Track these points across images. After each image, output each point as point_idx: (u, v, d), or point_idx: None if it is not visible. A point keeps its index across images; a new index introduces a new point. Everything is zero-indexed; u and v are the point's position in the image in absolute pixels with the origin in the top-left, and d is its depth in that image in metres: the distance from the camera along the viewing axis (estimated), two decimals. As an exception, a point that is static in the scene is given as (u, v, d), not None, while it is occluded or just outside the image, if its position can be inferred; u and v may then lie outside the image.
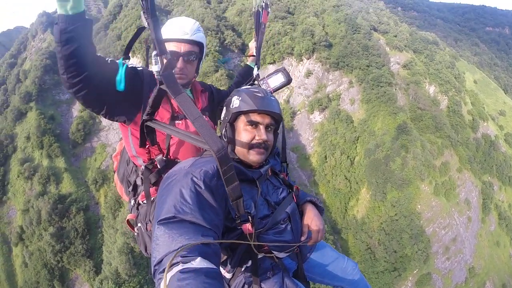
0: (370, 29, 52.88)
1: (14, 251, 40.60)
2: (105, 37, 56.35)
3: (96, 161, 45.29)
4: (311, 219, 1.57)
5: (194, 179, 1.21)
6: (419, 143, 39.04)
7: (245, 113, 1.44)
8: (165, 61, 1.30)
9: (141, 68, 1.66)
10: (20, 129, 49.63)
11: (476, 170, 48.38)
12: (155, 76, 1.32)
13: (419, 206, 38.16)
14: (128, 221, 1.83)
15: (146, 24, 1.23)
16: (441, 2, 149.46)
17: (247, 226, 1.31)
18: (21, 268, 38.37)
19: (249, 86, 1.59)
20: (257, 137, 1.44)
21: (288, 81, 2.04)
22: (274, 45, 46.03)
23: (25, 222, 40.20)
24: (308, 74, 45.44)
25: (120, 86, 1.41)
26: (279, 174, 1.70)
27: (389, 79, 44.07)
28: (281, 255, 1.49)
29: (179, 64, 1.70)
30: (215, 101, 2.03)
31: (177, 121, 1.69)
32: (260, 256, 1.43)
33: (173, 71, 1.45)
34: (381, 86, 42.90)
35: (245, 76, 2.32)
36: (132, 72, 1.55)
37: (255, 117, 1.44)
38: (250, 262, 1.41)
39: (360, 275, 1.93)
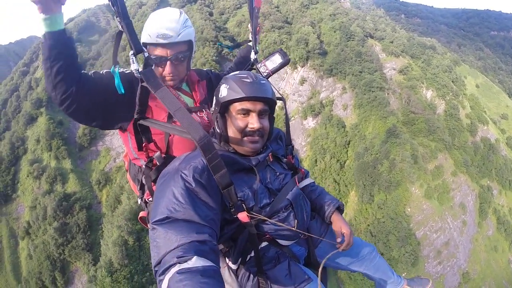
0: (365, 36, 54.20)
1: (21, 245, 43.23)
2: (112, 47, 59.73)
3: (100, 163, 47.87)
4: (343, 225, 1.60)
5: (184, 176, 1.21)
6: (409, 146, 39.57)
7: (235, 101, 1.37)
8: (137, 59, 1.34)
9: (129, 71, 1.64)
10: (31, 132, 52.92)
11: (473, 173, 47.82)
12: (135, 75, 1.37)
13: (409, 209, 38.23)
14: (141, 218, 1.84)
15: (120, 27, 1.29)
16: (445, 8, 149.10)
17: (243, 215, 1.28)
18: (26, 260, 40.85)
19: (237, 72, 1.50)
20: (250, 125, 1.38)
21: (286, 61, 2.01)
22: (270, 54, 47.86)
23: (32, 218, 42.86)
24: (303, 81, 46.99)
25: (121, 90, 1.43)
26: (282, 158, 1.62)
27: (380, 84, 45.15)
28: (286, 243, 1.47)
29: (168, 68, 1.64)
30: (214, 87, 1.91)
31: (174, 119, 1.66)
32: (263, 245, 1.42)
33: (163, 74, 1.59)
34: (372, 91, 44.03)
35: (245, 56, 2.27)
36: (124, 77, 1.55)
37: (246, 105, 1.37)
38: (253, 252, 1.38)
39: (379, 258, 1.85)
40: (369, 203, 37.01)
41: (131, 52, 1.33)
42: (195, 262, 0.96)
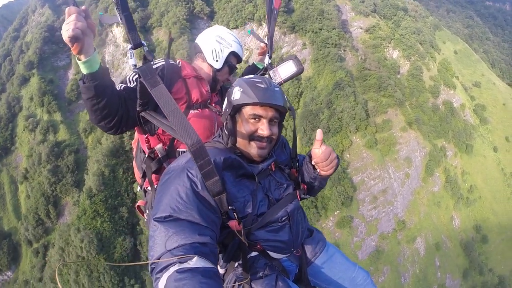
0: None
1: (20, 188, 50.29)
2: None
3: (86, 114, 53.31)
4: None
5: (190, 176, 1.19)
6: (352, 98, 43.58)
7: (247, 105, 1.36)
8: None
9: (161, 64, 1.69)
10: (25, 92, 58.48)
11: (426, 132, 49.48)
12: (132, 69, 1.36)
13: (347, 155, 41.63)
14: (138, 206, 1.88)
15: (119, 19, 1.24)
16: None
17: (234, 223, 1.26)
18: (24, 201, 47.92)
19: (252, 76, 1.48)
20: (259, 131, 1.37)
21: (300, 70, 1.95)
22: (237, 12, 51.42)
23: (29, 164, 49.64)
24: (266, 37, 50.24)
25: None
26: (285, 169, 1.59)
27: (336, 41, 48.59)
28: (276, 255, 1.46)
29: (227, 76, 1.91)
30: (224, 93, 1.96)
31: (192, 110, 1.74)
32: (253, 254, 1.41)
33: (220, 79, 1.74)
34: (327, 47, 47.65)
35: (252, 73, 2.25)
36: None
37: (258, 110, 1.36)
38: (241, 260, 1.37)
39: (373, 286, 1.74)
40: (307, 146, 40.74)
41: (129, 46, 1.30)
42: (196, 262, 0.97)
